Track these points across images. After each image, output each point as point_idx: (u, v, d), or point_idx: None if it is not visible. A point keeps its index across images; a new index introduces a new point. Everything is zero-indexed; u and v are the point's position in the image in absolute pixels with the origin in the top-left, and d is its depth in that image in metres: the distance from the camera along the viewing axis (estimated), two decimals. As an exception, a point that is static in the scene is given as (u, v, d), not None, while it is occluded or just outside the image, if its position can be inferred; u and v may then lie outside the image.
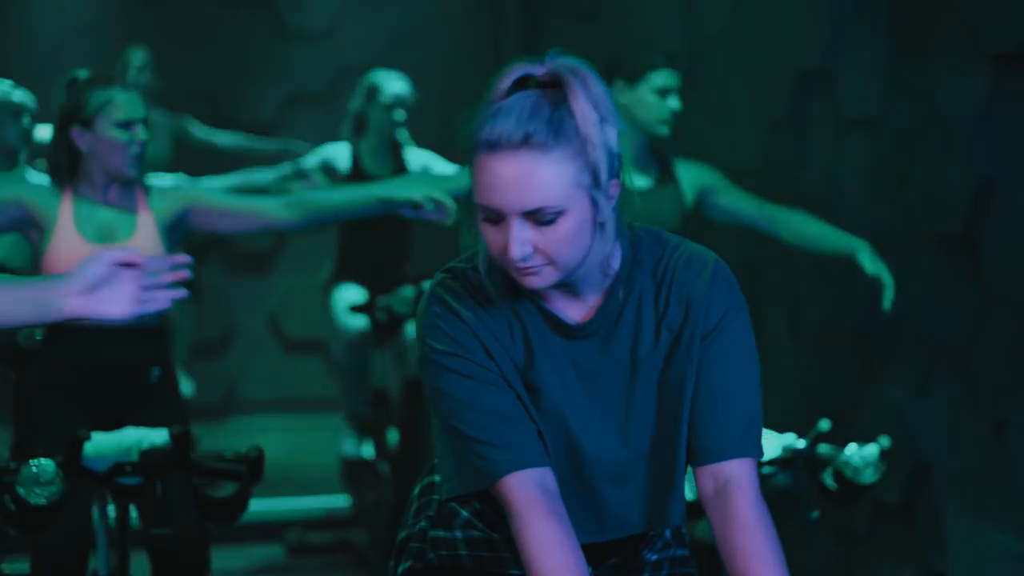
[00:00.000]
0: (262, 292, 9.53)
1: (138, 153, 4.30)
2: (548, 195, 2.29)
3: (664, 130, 4.70)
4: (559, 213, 2.30)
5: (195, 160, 8.23)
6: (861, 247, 4.61)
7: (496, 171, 2.30)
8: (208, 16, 9.42)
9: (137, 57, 8.11)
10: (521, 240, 2.31)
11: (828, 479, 3.85)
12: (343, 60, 9.29)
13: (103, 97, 4.29)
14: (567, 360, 2.45)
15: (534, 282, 2.35)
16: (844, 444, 3.85)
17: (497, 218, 2.32)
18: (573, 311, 2.45)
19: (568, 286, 2.42)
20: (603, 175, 2.33)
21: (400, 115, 6.67)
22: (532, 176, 2.29)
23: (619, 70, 4.65)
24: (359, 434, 6.65)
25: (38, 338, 4.62)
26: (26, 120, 5.77)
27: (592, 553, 2.52)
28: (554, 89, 2.33)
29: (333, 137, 7.04)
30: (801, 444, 3.86)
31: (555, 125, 2.30)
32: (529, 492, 2.37)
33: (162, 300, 2.71)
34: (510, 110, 2.31)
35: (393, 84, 6.72)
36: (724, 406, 2.43)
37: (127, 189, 4.37)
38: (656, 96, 4.67)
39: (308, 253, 9.07)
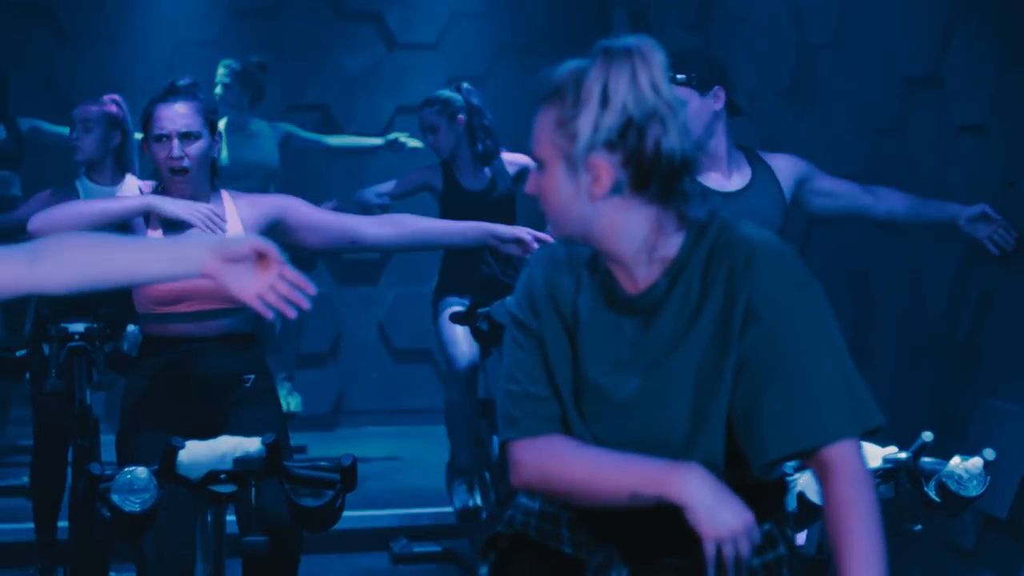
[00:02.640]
0: (371, 302, 9.57)
1: (175, 167, 4.29)
2: (535, 142, 2.52)
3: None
4: (542, 163, 2.51)
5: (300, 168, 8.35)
6: (960, 214, 4.85)
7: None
8: (318, 28, 9.48)
9: (216, 72, 8.17)
10: (531, 177, 2.55)
11: (932, 492, 3.79)
12: (452, 71, 9.31)
13: (149, 110, 4.33)
14: (614, 331, 2.54)
15: (550, 227, 2.55)
16: (948, 456, 3.79)
17: None
18: (631, 287, 2.54)
19: (614, 259, 2.53)
20: (577, 146, 2.44)
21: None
22: (535, 125, 2.52)
23: None
24: (469, 486, 6.63)
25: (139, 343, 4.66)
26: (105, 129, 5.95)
27: (648, 549, 2.54)
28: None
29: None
30: (904, 456, 3.80)
31: (562, 88, 2.47)
32: (532, 455, 2.54)
33: (280, 304, 2.73)
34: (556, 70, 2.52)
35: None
36: (795, 392, 2.43)
37: (211, 198, 4.38)
38: None
39: (417, 263, 9.10)
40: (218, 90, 8.09)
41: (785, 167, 4.74)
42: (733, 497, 2.41)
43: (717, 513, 2.38)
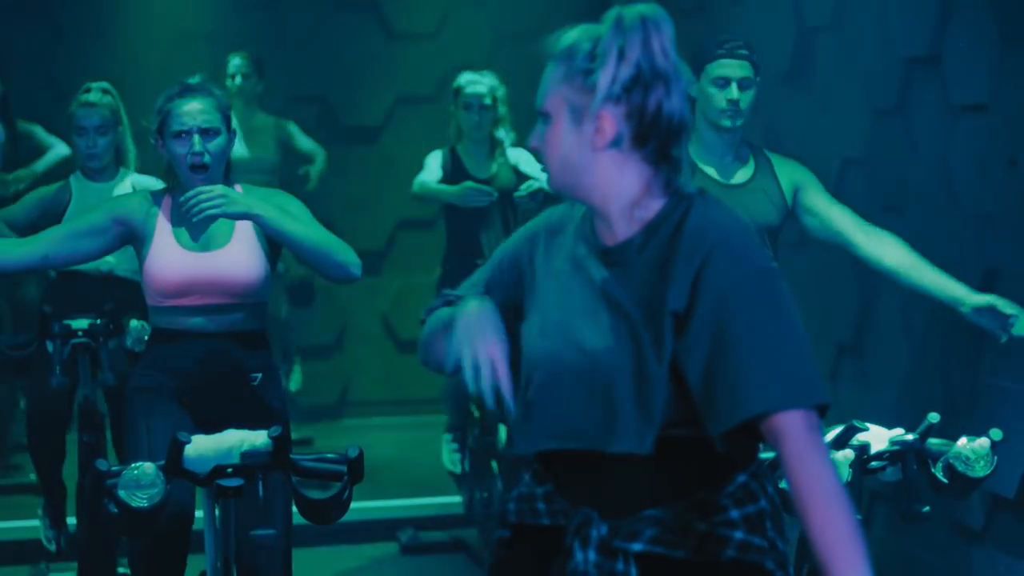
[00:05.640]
0: (374, 293, 9.57)
1: (196, 163, 4.27)
2: (543, 98, 2.65)
3: (725, 122, 4.58)
4: (548, 116, 2.65)
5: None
6: (965, 300, 4.42)
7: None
8: (316, 19, 9.48)
9: (233, 63, 8.19)
10: (535, 132, 2.69)
11: (939, 473, 3.79)
12: (450, 61, 9.30)
13: (166, 107, 4.31)
14: (587, 278, 2.68)
15: (548, 178, 2.70)
16: (955, 437, 3.79)
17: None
18: (608, 239, 2.69)
19: (599, 215, 2.67)
20: (591, 102, 2.58)
21: (476, 113, 6.69)
22: (543, 81, 2.65)
23: (692, 68, 4.55)
24: (460, 445, 6.69)
25: (146, 340, 4.66)
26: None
27: (623, 504, 2.61)
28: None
29: (441, 136, 7.06)
30: (911, 437, 3.81)
31: (568, 46, 2.63)
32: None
33: None
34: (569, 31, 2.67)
35: (472, 84, 6.75)
36: (741, 366, 2.50)
37: None
38: (714, 87, 4.58)
39: (420, 252, 9.12)
40: (238, 80, 8.09)
41: (786, 171, 4.71)
42: (493, 333, 2.69)
43: (467, 337, 2.68)
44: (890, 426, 3.85)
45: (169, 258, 4.31)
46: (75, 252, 4.37)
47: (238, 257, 4.33)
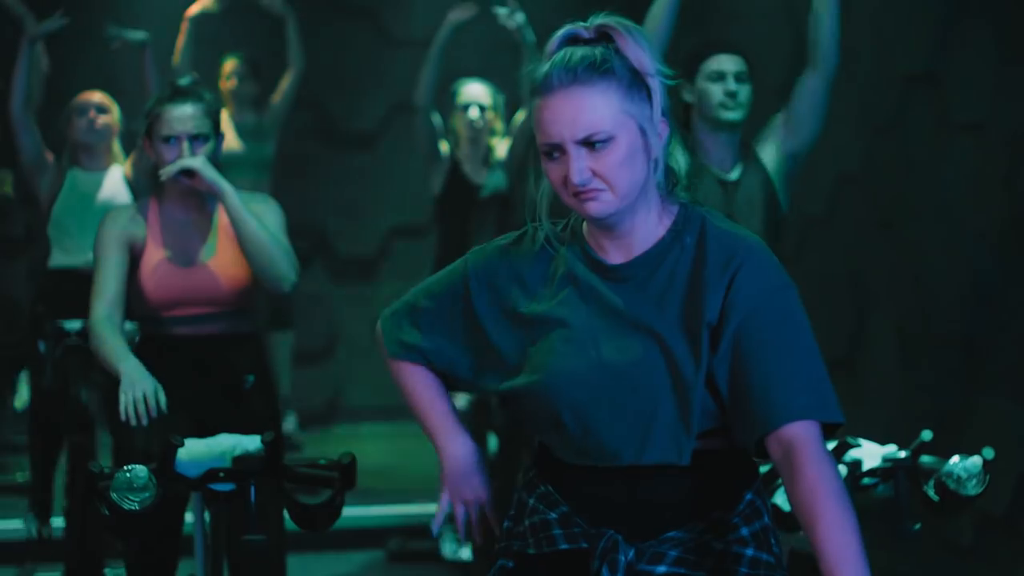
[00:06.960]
0: (367, 300, 9.56)
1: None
2: (597, 122, 2.53)
3: (725, 114, 4.57)
4: (610, 138, 2.53)
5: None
6: None
7: (551, 108, 2.55)
8: (314, 25, 9.46)
9: (228, 65, 8.18)
10: (579, 164, 2.54)
11: (931, 490, 3.78)
12: (447, 67, 9.29)
13: (156, 111, 4.30)
14: (601, 298, 2.62)
15: (594, 208, 2.56)
16: (947, 455, 3.79)
17: (557, 152, 2.56)
18: (617, 257, 2.64)
19: (622, 232, 2.61)
20: (651, 107, 2.55)
21: (474, 115, 6.71)
22: (582, 106, 2.54)
23: (683, 75, 4.55)
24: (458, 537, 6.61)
25: (136, 342, 4.65)
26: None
27: (646, 527, 2.59)
28: (601, 40, 2.59)
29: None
30: (903, 455, 3.80)
31: (601, 64, 2.54)
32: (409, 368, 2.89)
33: None
34: (560, 58, 2.58)
35: (469, 87, 6.78)
36: (770, 377, 2.50)
37: (208, 200, 4.37)
38: (711, 83, 4.57)
39: (412, 259, 9.10)
40: (234, 83, 8.08)
41: (769, 156, 4.70)
42: (478, 478, 2.86)
43: (456, 489, 2.89)
44: (883, 442, 3.85)
45: (158, 273, 4.30)
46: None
47: (225, 267, 4.34)
